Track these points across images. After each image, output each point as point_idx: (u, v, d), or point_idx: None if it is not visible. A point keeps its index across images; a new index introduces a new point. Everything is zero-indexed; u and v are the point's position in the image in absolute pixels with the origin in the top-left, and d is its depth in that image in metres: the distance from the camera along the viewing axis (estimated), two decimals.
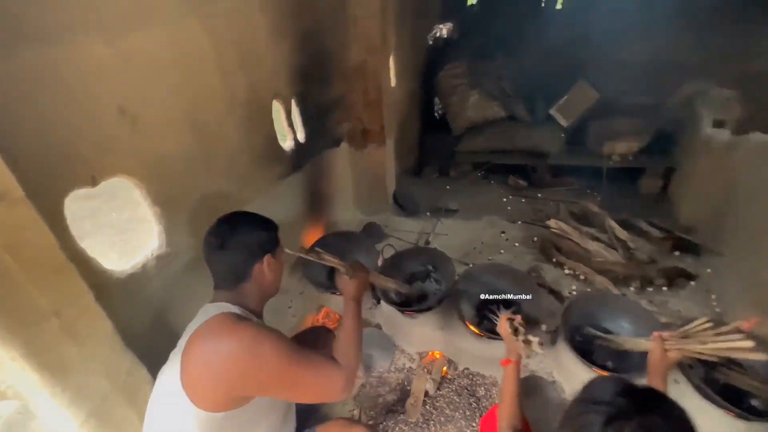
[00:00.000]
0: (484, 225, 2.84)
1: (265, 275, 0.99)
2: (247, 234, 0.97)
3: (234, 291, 0.97)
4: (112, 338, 0.98)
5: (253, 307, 0.99)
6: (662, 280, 2.16)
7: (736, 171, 2.18)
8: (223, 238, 0.94)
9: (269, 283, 1.02)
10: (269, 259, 0.98)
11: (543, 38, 3.37)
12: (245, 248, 0.95)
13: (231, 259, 0.95)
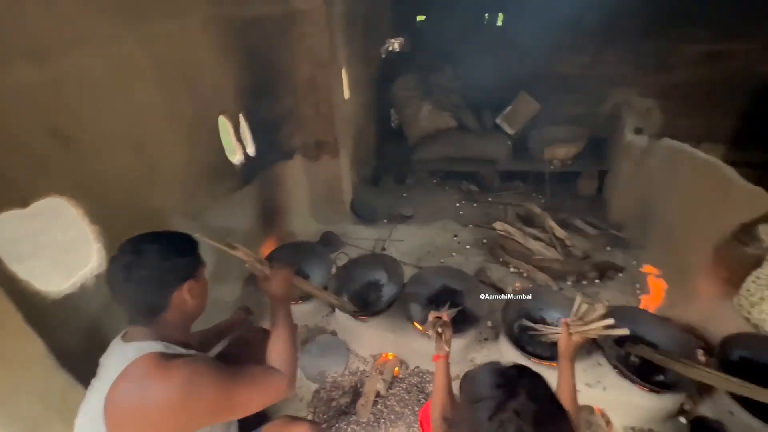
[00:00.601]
0: (438, 229, 2.98)
1: (187, 302, 0.90)
2: (159, 263, 0.85)
3: (152, 325, 0.88)
4: (45, 360, 0.98)
5: (177, 337, 0.91)
6: (595, 273, 2.37)
7: (652, 173, 2.44)
8: (128, 269, 0.83)
9: (193, 309, 0.94)
10: (190, 285, 0.90)
11: (487, 53, 3.60)
12: (157, 279, 0.85)
13: (141, 293, 0.85)
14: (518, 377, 0.71)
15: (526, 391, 0.66)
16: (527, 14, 3.41)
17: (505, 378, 0.70)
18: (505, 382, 0.69)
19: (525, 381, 0.69)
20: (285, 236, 2.55)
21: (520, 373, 0.72)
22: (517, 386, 0.67)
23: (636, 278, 2.33)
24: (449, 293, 1.99)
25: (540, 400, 0.66)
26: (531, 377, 0.71)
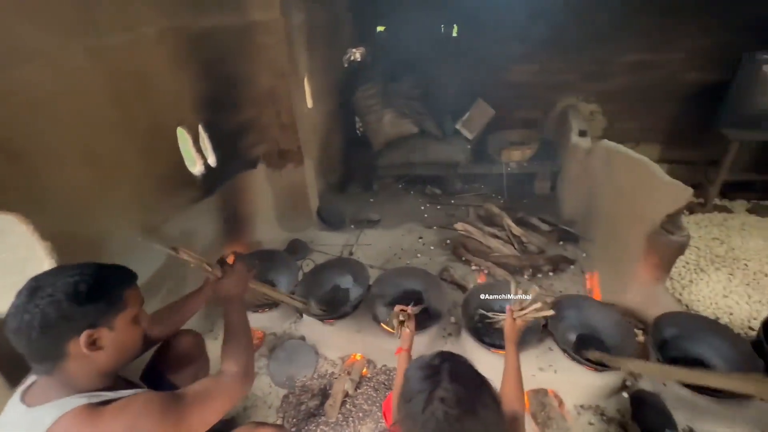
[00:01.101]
0: (404, 232, 3.08)
1: (90, 355, 0.79)
2: (46, 308, 0.74)
3: (58, 375, 0.79)
4: None
5: (96, 385, 0.83)
6: (548, 266, 2.53)
7: (594, 172, 2.66)
8: (16, 310, 0.75)
9: (105, 360, 0.82)
10: (92, 334, 0.79)
11: (444, 62, 3.78)
12: (42, 327, 0.74)
13: (27, 339, 0.75)
14: (440, 365, 0.75)
15: (448, 375, 0.71)
16: (479, 27, 3.61)
17: (430, 369, 0.74)
18: (430, 373, 0.73)
19: (446, 366, 0.74)
20: (251, 245, 2.55)
21: (442, 360, 0.76)
22: (440, 374, 0.72)
23: (585, 268, 2.52)
24: (413, 292, 2.08)
25: (460, 379, 0.72)
26: (451, 361, 0.76)
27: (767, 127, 2.79)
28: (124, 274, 0.90)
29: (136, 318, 0.89)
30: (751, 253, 2.48)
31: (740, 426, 1.49)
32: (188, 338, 1.34)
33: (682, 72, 3.36)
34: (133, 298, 0.89)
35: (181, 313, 1.34)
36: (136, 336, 0.90)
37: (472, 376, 0.75)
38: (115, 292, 0.84)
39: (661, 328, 1.76)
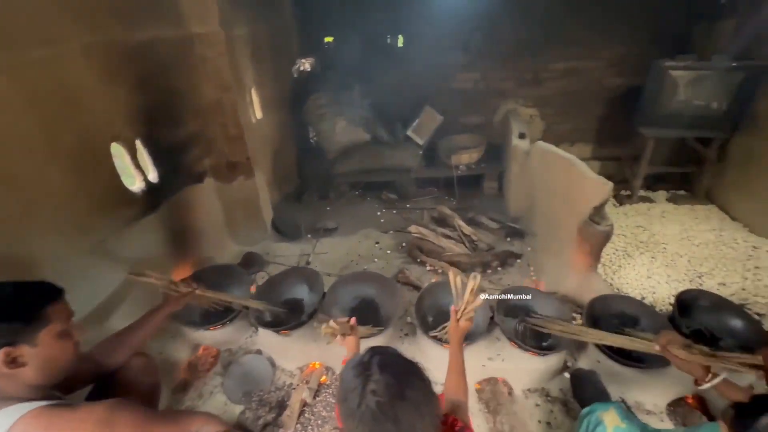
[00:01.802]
0: (360, 238, 3.12)
1: (14, 370, 0.82)
2: None
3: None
4: None
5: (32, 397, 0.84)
6: (497, 262, 2.68)
7: (533, 171, 2.86)
8: None
9: (35, 373, 0.85)
10: (11, 351, 0.81)
11: (393, 71, 3.90)
12: None
13: None
14: (370, 359, 0.77)
15: (377, 368, 0.74)
16: (423, 38, 3.77)
17: (361, 366, 0.76)
18: (361, 370, 0.75)
19: (375, 359, 0.76)
20: (202, 261, 2.47)
21: (372, 354, 0.79)
22: (370, 368, 0.74)
23: (530, 262, 2.70)
24: (368, 297, 2.12)
25: (389, 368, 0.75)
26: (380, 353, 0.79)
27: (676, 125, 3.15)
28: (46, 290, 0.90)
29: (63, 333, 0.89)
30: (669, 237, 2.78)
31: (660, 390, 1.67)
32: (138, 361, 1.28)
33: (604, 78, 3.71)
34: (57, 313, 0.89)
35: (140, 335, 1.31)
36: (65, 350, 0.90)
37: (399, 363, 0.79)
38: (34, 309, 0.85)
39: (594, 310, 1.92)
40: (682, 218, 3.08)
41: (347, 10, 3.78)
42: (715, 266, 2.49)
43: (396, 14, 3.72)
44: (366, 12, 3.75)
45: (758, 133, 2.93)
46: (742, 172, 3.07)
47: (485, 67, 3.82)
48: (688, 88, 3.06)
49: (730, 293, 2.28)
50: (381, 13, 3.74)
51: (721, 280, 2.38)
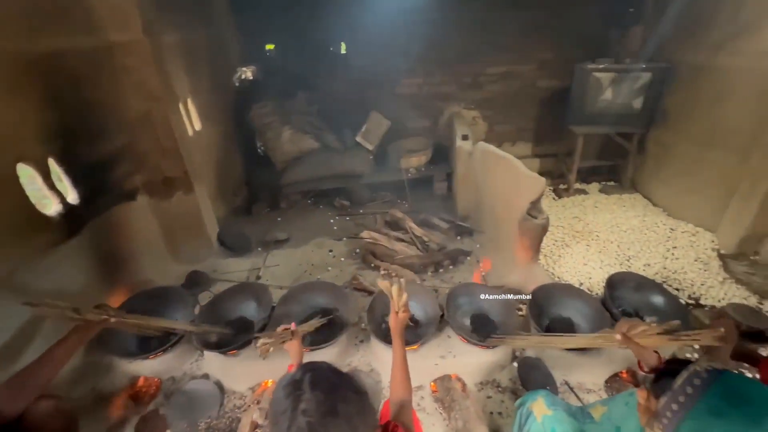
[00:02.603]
0: (313, 248, 3.06)
1: None
2: None
3: None
4: None
5: None
6: (448, 261, 2.75)
7: (476, 171, 2.98)
8: None
9: None
10: None
11: (338, 78, 3.90)
12: None
13: None
14: (302, 378, 0.74)
15: (309, 386, 0.72)
16: (366, 45, 3.81)
17: (292, 385, 0.73)
18: (292, 389, 0.72)
19: (307, 377, 0.74)
20: (140, 285, 2.30)
21: (303, 372, 0.76)
22: (302, 387, 0.72)
23: (479, 258, 2.80)
24: (321, 307, 2.08)
25: (320, 384, 0.73)
26: (312, 370, 0.76)
27: (601, 123, 3.43)
28: None
29: None
30: (601, 225, 3.01)
31: (597, 369, 1.80)
32: (44, 405, 1.15)
33: (537, 80, 3.97)
34: None
35: (42, 375, 1.17)
36: None
37: (332, 378, 0.77)
38: None
39: (537, 299, 2.03)
40: (612, 207, 3.35)
41: (288, 17, 3.73)
42: (641, 249, 2.73)
43: (337, 21, 3.72)
44: (307, 19, 3.72)
45: (668, 127, 3.27)
46: (658, 162, 3.41)
47: (428, 72, 3.93)
48: (609, 88, 3.34)
49: (653, 272, 2.52)
50: (322, 20, 3.73)
51: (645, 261, 2.61)
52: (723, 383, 0.72)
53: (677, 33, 3.11)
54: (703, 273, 2.48)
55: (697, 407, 0.72)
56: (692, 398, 0.73)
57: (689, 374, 0.76)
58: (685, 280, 2.43)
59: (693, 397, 0.73)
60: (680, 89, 3.12)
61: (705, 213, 2.87)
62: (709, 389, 0.72)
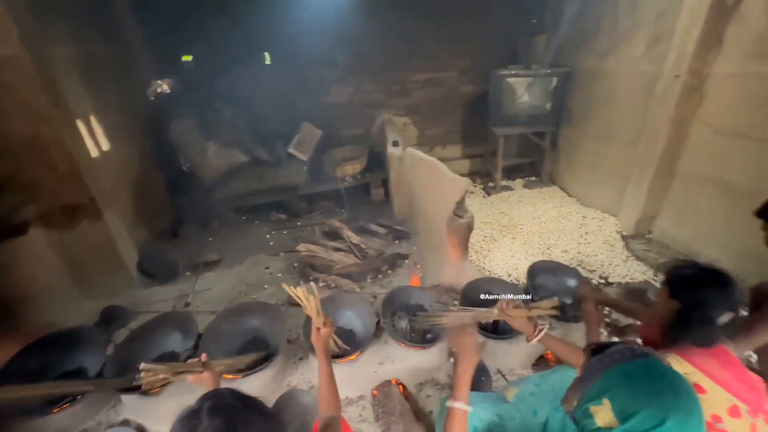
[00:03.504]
0: (248, 266, 2.93)
1: None
2: None
3: None
4: None
5: None
6: (387, 266, 2.79)
7: (407, 175, 3.07)
8: None
9: None
10: None
11: (265, 89, 3.80)
12: None
13: None
14: (200, 407, 0.71)
15: (207, 414, 0.69)
16: (292, 54, 3.76)
17: (188, 417, 0.70)
18: (188, 422, 0.69)
19: (206, 405, 0.71)
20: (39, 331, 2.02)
21: (203, 401, 0.73)
22: (199, 417, 0.69)
23: (417, 260, 2.87)
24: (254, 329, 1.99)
25: (219, 411, 0.70)
26: (211, 398, 0.73)
27: (517, 123, 3.72)
28: None
29: None
30: (524, 219, 3.25)
31: (524, 354, 1.93)
32: None
33: (460, 86, 4.20)
34: None
35: None
36: None
37: (233, 404, 0.73)
38: None
39: (467, 294, 2.13)
40: (534, 200, 3.64)
41: (204, 27, 3.55)
42: (559, 237, 2.99)
43: (259, 32, 3.63)
44: (225, 30, 3.58)
45: (573, 125, 3.64)
46: (568, 157, 3.77)
47: (357, 81, 3.98)
48: (521, 91, 3.64)
49: (570, 257, 2.77)
50: (242, 31, 3.61)
51: (563, 248, 2.86)
52: (648, 361, 0.80)
53: (572, 41, 3.49)
54: (610, 254, 2.77)
55: (616, 369, 0.80)
56: (616, 362, 0.81)
57: (625, 347, 0.84)
58: (596, 262, 2.70)
59: (617, 361, 0.81)
60: (579, 91, 3.49)
61: (608, 200, 3.22)
62: (633, 361, 0.80)
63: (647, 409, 0.72)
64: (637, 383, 0.77)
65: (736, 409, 1.14)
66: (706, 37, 2.29)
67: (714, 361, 1.14)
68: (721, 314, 1.11)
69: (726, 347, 1.17)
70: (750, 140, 2.16)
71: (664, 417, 0.71)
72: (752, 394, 1.14)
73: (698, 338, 1.15)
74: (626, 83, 2.93)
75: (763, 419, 1.16)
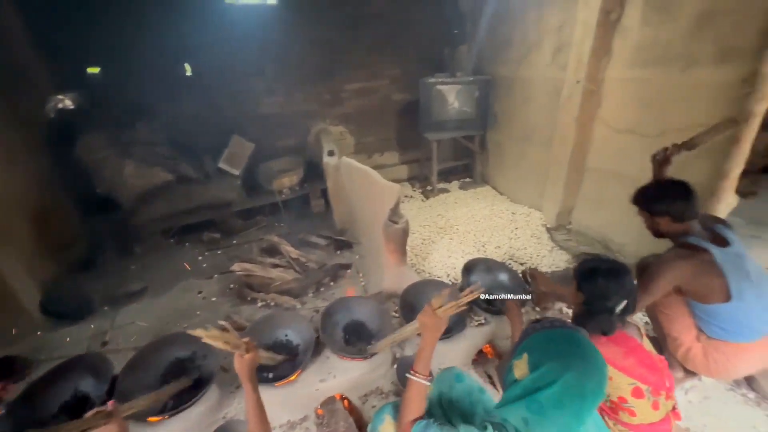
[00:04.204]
0: (178, 293, 2.72)
1: None
2: None
3: None
4: None
5: None
6: (328, 278, 2.74)
7: (344, 184, 3.06)
8: None
9: None
10: None
11: (187, 101, 3.57)
12: None
13: None
14: None
15: None
16: (216, 65, 3.58)
17: None
18: None
19: None
20: None
21: None
22: None
23: (359, 269, 2.85)
24: (181, 360, 1.83)
25: None
26: None
27: (447, 128, 3.89)
28: None
29: None
30: (460, 219, 3.40)
31: (463, 350, 1.99)
32: None
33: (391, 94, 4.30)
34: None
35: None
36: None
37: None
38: None
39: (406, 299, 2.15)
40: (468, 201, 3.82)
41: (112, 37, 3.26)
42: (492, 234, 3.16)
43: (178, 42, 3.41)
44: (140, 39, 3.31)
45: (498, 129, 3.89)
46: (496, 157, 4.02)
47: (288, 91, 3.90)
48: (450, 98, 3.81)
49: (503, 253, 2.93)
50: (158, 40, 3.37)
51: (496, 245, 3.03)
52: (570, 332, 0.89)
53: (491, 51, 3.74)
54: (537, 246, 2.98)
55: (540, 333, 0.90)
56: (544, 328, 0.91)
57: (556, 318, 0.96)
58: (525, 255, 2.89)
59: (545, 328, 0.91)
60: (501, 96, 3.74)
61: (533, 196, 3.48)
62: (558, 329, 0.90)
63: (552, 362, 0.82)
64: (553, 344, 0.87)
65: (639, 390, 1.27)
66: (597, 46, 2.58)
67: (617, 349, 1.27)
68: (618, 303, 1.24)
69: (625, 332, 1.31)
70: (639, 136, 2.46)
71: (565, 370, 0.80)
72: (654, 375, 1.28)
73: (601, 326, 1.27)
74: (538, 89, 3.20)
75: (665, 395, 1.30)
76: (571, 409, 0.79)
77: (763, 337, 1.51)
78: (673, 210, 1.55)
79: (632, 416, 1.27)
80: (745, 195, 3.91)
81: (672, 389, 1.30)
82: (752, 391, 1.80)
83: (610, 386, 1.27)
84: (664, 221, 1.59)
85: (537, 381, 0.81)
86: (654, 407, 1.26)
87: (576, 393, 0.79)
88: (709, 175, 2.07)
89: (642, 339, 1.33)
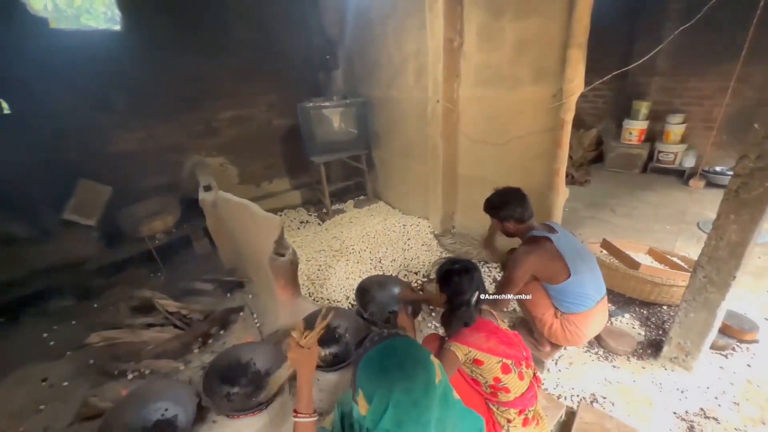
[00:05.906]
0: (12, 387, 2.13)
1: None
2: None
3: None
4: None
5: None
6: (216, 327, 2.46)
7: (225, 220, 2.82)
8: None
9: None
10: None
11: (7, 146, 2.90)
12: None
13: None
14: None
15: None
16: (41, 100, 2.99)
17: None
18: None
19: None
20: None
21: None
22: None
23: (253, 309, 2.63)
24: None
25: None
26: None
27: (332, 150, 3.93)
28: None
29: None
30: (355, 239, 3.43)
31: None
32: None
33: (271, 120, 4.18)
34: None
35: None
36: None
37: None
38: None
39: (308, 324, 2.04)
40: (363, 219, 3.89)
41: None
42: (387, 249, 3.25)
43: None
44: None
45: (381, 146, 4.08)
46: (384, 173, 4.21)
47: (147, 124, 3.48)
48: (330, 121, 3.86)
49: (398, 265, 3.03)
50: None
51: (392, 258, 3.13)
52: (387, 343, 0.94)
53: (363, 74, 3.93)
54: (428, 253, 3.17)
55: (363, 359, 0.94)
56: (365, 351, 0.95)
57: (374, 334, 1.00)
58: (418, 263, 3.04)
59: (366, 350, 0.95)
60: (379, 116, 3.95)
61: (419, 206, 3.72)
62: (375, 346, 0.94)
63: (379, 390, 0.86)
64: (372, 367, 0.90)
65: (506, 366, 1.40)
66: (448, 69, 2.90)
67: (480, 335, 1.39)
68: (473, 295, 1.37)
69: (484, 318, 1.45)
70: (490, 144, 2.82)
71: (391, 391, 0.84)
72: (512, 349, 1.42)
73: (464, 319, 1.38)
74: (408, 108, 3.46)
75: (525, 365, 1.46)
76: (410, 420, 0.84)
77: (597, 303, 1.83)
78: (516, 214, 1.84)
79: (508, 393, 1.39)
80: (582, 183, 4.82)
81: (530, 358, 1.47)
82: (601, 348, 2.16)
83: (483, 370, 1.37)
84: (511, 224, 1.87)
85: (375, 413, 0.85)
86: (520, 377, 1.40)
87: (408, 405, 0.84)
88: (545, 173, 2.47)
89: (497, 321, 1.48)
